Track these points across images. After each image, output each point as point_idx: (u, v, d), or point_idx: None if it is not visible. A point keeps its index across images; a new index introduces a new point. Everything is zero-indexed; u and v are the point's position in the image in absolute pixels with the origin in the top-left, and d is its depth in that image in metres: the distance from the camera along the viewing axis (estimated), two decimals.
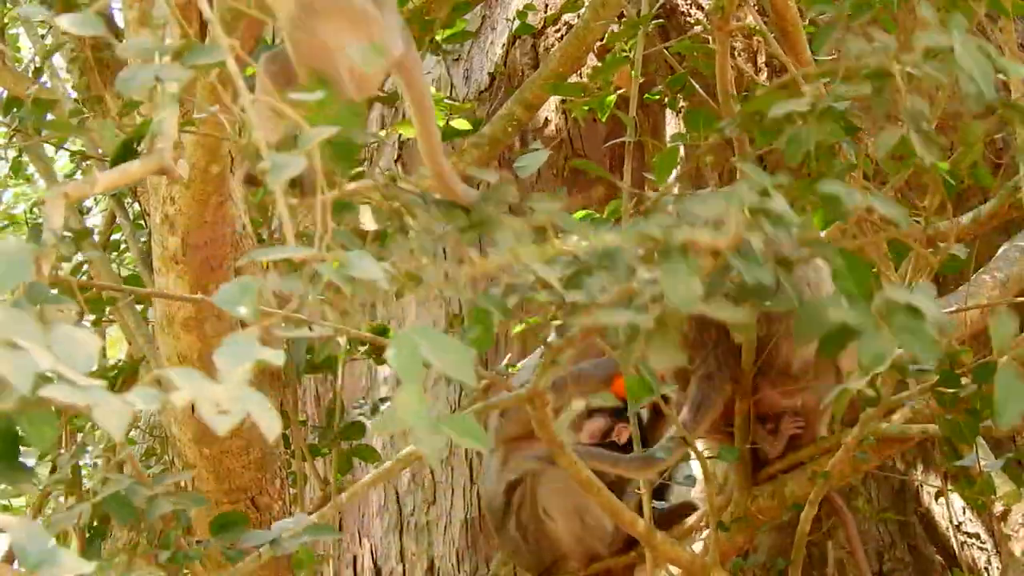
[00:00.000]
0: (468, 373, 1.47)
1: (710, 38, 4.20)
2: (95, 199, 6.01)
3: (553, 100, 5.48)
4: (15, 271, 1.39)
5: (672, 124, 5.44)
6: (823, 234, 4.30)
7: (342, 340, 4.35)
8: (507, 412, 4.53)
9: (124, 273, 5.62)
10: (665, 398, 4.30)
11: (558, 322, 2.18)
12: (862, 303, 1.87)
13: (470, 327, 2.19)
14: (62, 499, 5.69)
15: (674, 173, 5.37)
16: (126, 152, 2.59)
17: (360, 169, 3.94)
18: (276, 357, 1.44)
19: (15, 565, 5.64)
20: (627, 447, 4.42)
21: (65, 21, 1.73)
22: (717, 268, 1.91)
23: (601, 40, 4.91)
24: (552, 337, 2.67)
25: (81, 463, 6.40)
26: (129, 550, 2.82)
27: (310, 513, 3.78)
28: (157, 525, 2.87)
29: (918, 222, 3.38)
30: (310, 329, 1.67)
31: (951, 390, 3.20)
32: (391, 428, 1.44)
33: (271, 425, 1.40)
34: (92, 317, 5.13)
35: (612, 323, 1.86)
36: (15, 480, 1.65)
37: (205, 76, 2.28)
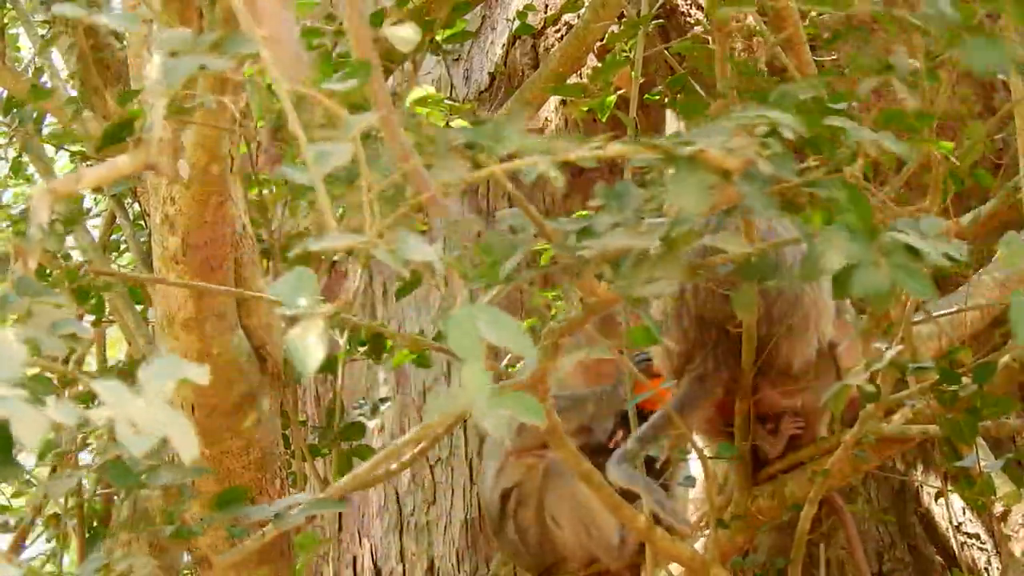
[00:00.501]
0: (527, 346, 1.46)
1: (710, 38, 4.20)
2: (95, 199, 6.01)
3: (553, 100, 5.48)
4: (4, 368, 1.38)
5: (672, 124, 5.44)
6: None
7: (342, 340, 4.35)
8: (523, 426, 4.55)
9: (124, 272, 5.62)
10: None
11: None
12: (864, 237, 1.88)
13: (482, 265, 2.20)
14: (62, 500, 5.69)
15: None
16: (111, 140, 2.58)
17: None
18: (200, 376, 1.42)
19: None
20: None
21: (67, 8, 1.73)
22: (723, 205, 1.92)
23: (601, 40, 4.91)
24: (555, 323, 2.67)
25: (82, 462, 6.40)
26: (129, 547, 2.81)
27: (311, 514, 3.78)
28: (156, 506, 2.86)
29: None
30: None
31: (952, 387, 3.20)
32: (452, 408, 1.43)
33: (188, 449, 1.39)
34: (92, 317, 5.13)
35: (621, 246, 1.87)
36: (6, 476, 1.65)
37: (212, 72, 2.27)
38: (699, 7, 5.60)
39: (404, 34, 1.69)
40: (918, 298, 1.88)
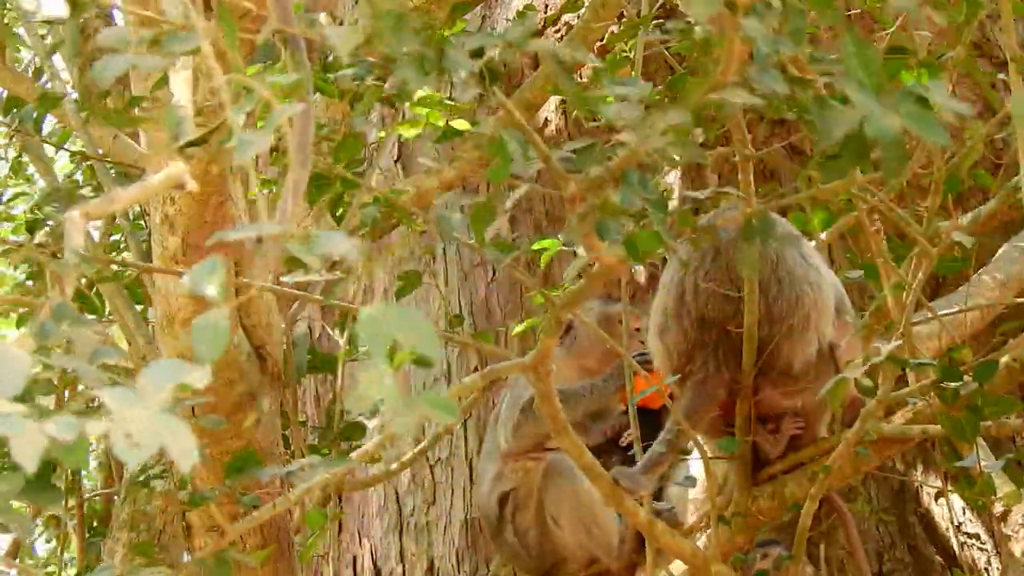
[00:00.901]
0: (431, 348, 1.46)
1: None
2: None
3: (553, 100, 5.48)
4: (8, 382, 1.37)
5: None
6: (824, 235, 4.30)
7: (342, 340, 4.35)
8: (520, 428, 4.55)
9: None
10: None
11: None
12: (871, 91, 1.88)
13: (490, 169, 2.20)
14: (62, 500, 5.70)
15: (675, 173, 5.38)
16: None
17: (359, 169, 3.94)
18: (200, 379, 1.42)
19: (17, 561, 5.63)
20: (626, 448, 4.43)
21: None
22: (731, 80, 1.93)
23: (601, 40, 4.91)
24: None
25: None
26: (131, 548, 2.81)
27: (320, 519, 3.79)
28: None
29: (918, 222, 3.37)
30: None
31: (952, 385, 3.21)
32: (363, 405, 1.43)
33: (185, 457, 1.38)
34: (91, 317, 5.13)
35: (630, 117, 1.88)
36: (47, 500, 1.64)
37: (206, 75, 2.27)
38: None
39: (338, 34, 1.70)
40: (932, 143, 1.87)
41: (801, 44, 2.09)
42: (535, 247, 4.59)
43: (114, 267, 4.92)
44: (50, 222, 4.91)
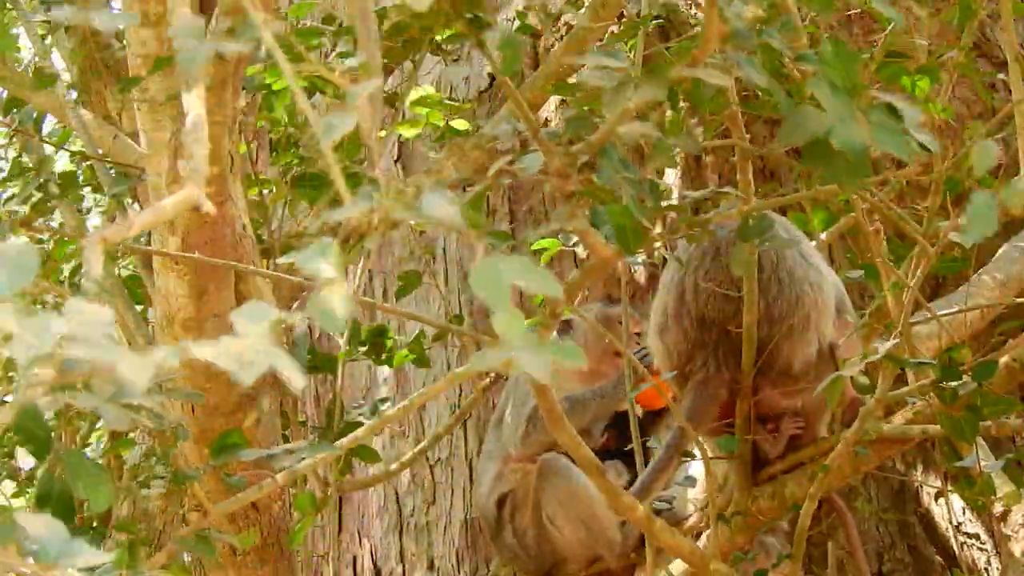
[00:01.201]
0: (555, 287, 1.44)
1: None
2: (95, 199, 6.01)
3: (553, 100, 5.48)
4: (18, 275, 1.38)
5: None
6: (824, 235, 4.30)
7: (342, 340, 4.36)
8: (528, 436, 4.56)
9: (124, 274, 5.62)
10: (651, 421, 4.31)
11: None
12: (843, 94, 1.88)
13: (501, 55, 2.24)
14: None
15: (675, 173, 5.39)
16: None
17: (358, 169, 3.94)
18: (293, 316, 1.44)
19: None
20: (623, 452, 4.44)
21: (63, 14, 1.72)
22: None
23: (601, 40, 4.91)
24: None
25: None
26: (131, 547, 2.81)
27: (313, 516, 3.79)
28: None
29: (918, 222, 3.37)
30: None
31: (952, 384, 3.20)
32: (496, 359, 1.41)
33: (295, 377, 1.40)
34: None
35: (607, 86, 1.90)
36: (73, 552, 1.64)
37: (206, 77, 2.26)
38: (699, 7, 5.60)
39: (334, 123, 1.70)
40: (897, 154, 1.87)
41: (790, 38, 2.10)
42: (535, 247, 4.59)
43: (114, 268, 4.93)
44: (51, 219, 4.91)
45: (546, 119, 5.67)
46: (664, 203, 3.47)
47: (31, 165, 4.92)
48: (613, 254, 2.52)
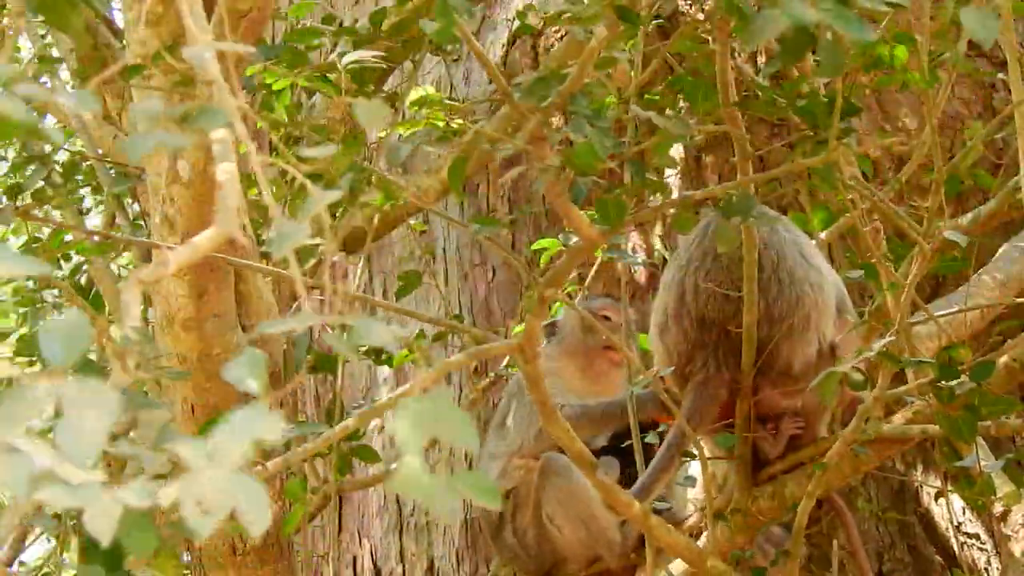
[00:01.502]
0: (472, 438, 1.45)
1: (710, 38, 4.20)
2: (95, 199, 6.02)
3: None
4: (71, 347, 1.37)
5: None
6: (823, 235, 4.30)
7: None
8: (541, 432, 4.56)
9: (124, 273, 5.63)
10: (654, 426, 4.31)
11: None
12: None
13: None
14: None
15: (675, 173, 5.38)
16: None
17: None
18: (273, 431, 1.40)
19: (13, 568, 5.63)
20: (618, 449, 4.43)
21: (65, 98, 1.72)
22: None
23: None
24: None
25: None
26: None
27: (312, 515, 3.79)
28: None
29: (918, 222, 3.38)
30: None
31: (950, 384, 3.20)
32: (405, 493, 1.42)
33: (258, 521, 1.36)
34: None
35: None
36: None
37: (204, 88, 2.26)
38: (700, 7, 5.60)
39: (371, 111, 1.69)
40: (849, 34, 1.92)
41: None
42: (535, 247, 4.59)
43: (114, 268, 4.93)
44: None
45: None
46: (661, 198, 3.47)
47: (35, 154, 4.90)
48: (597, 234, 2.52)
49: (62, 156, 5.13)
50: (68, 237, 4.86)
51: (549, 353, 4.74)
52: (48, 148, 4.96)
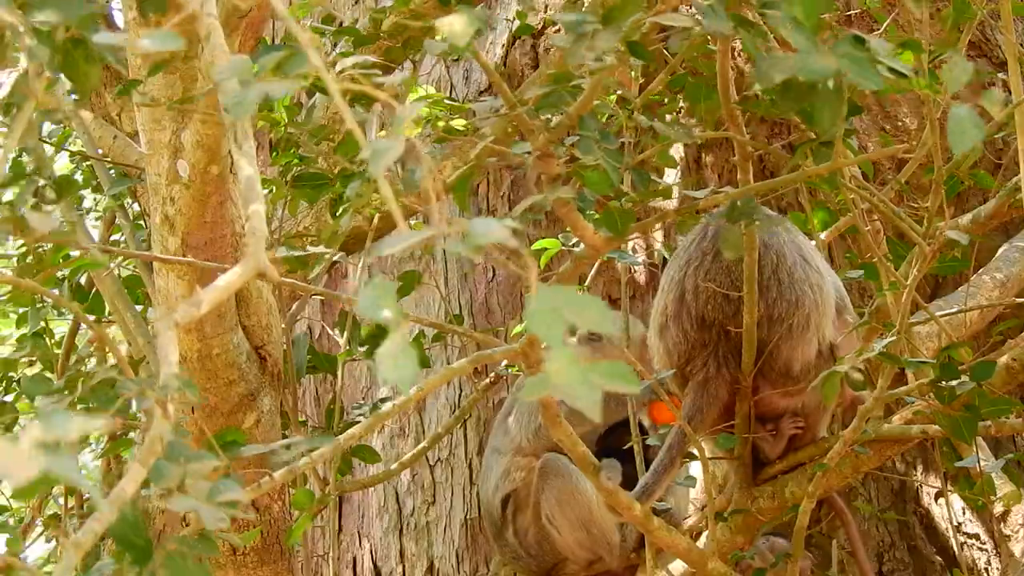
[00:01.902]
0: (608, 323, 1.42)
1: (709, 39, 4.20)
2: (95, 199, 6.01)
3: None
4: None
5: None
6: (824, 235, 4.30)
7: (342, 340, 4.36)
8: (541, 430, 4.55)
9: (124, 273, 5.62)
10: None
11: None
12: (807, 30, 1.87)
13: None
14: (62, 500, 5.69)
15: (675, 173, 5.38)
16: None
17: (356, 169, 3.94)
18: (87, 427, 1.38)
19: None
20: (621, 452, 4.43)
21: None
22: None
23: None
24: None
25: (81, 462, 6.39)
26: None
27: (312, 515, 3.79)
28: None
29: (918, 222, 3.37)
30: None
31: (950, 383, 3.20)
32: (542, 391, 1.39)
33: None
34: (92, 317, 5.13)
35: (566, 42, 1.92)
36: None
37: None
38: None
39: (457, 26, 1.68)
40: (866, 88, 1.86)
41: None
42: (535, 247, 4.59)
43: (113, 267, 4.93)
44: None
45: (548, 119, 5.67)
46: (662, 201, 3.46)
47: (29, 168, 4.90)
48: (603, 242, 2.52)
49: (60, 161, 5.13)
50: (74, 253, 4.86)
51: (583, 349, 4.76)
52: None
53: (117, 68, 4.81)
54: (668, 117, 5.42)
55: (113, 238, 5.83)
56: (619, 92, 4.67)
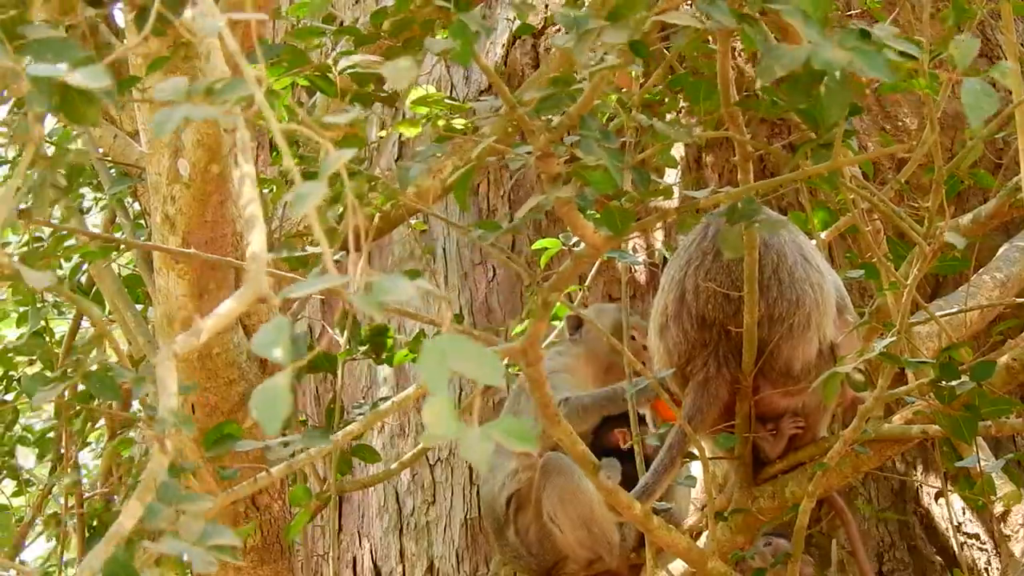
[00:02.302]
0: (496, 377, 1.43)
1: (710, 38, 4.20)
2: (95, 199, 6.02)
3: None
4: None
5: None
6: (824, 235, 4.30)
7: (342, 340, 4.36)
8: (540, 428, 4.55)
9: (124, 273, 5.62)
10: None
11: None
12: (816, 23, 1.88)
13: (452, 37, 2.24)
14: (62, 500, 5.69)
15: (675, 173, 5.38)
16: None
17: (359, 169, 3.94)
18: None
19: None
20: (621, 451, 4.44)
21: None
22: None
23: None
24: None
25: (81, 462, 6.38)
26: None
27: (312, 515, 3.79)
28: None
29: (918, 222, 3.38)
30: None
31: (950, 383, 3.20)
32: (434, 441, 1.41)
33: None
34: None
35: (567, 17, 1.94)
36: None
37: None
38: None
39: (400, 67, 1.69)
40: (873, 76, 1.87)
41: None
42: (535, 247, 4.59)
43: (114, 267, 4.93)
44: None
45: (548, 119, 5.67)
46: (662, 200, 3.46)
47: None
48: (603, 241, 2.52)
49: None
50: (70, 241, 4.86)
51: (568, 350, 4.76)
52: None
53: (117, 69, 4.82)
54: (668, 117, 5.42)
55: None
56: (620, 92, 4.67)
